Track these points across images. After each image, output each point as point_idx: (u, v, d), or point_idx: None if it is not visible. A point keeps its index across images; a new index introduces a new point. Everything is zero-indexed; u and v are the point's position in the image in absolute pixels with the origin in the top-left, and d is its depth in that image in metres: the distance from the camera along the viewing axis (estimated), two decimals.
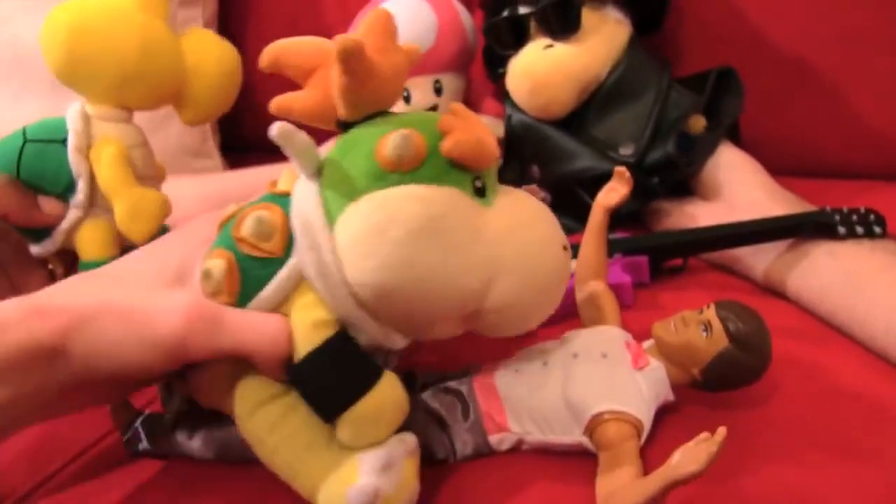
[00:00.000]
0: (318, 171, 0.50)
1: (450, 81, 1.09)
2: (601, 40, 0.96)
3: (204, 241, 0.52)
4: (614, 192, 0.65)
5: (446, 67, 1.08)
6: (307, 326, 0.48)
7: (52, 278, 0.67)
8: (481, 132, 0.52)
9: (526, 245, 0.52)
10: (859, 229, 0.75)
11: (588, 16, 0.96)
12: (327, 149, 0.52)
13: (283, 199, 0.51)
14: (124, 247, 0.65)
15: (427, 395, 0.57)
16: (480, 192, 0.52)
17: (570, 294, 0.70)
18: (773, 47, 1.07)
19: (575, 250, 0.70)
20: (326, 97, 0.51)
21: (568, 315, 0.65)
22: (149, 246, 0.55)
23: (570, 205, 0.95)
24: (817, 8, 1.05)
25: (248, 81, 0.70)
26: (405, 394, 0.51)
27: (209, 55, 0.67)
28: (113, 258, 0.61)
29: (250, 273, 0.49)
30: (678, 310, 0.72)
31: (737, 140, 0.96)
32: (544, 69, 0.94)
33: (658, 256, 0.80)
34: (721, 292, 0.79)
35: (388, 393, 0.49)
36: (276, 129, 0.47)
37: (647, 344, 0.58)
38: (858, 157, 1.08)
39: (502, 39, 1.00)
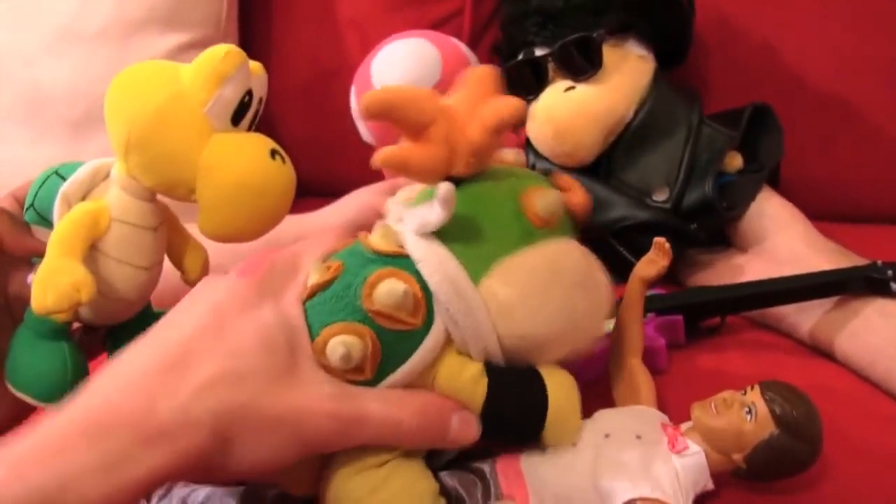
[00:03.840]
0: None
1: None
2: (625, 78, 0.91)
3: (202, 318, 0.47)
4: (653, 265, 0.62)
5: None
6: (468, 385, 0.49)
7: None
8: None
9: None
10: None
11: (609, 53, 0.91)
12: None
13: (395, 260, 0.49)
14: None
15: (447, 474, 0.53)
16: None
17: (600, 356, 0.66)
18: (809, 84, 1.02)
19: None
20: (445, 154, 0.49)
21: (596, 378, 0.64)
22: (154, 329, 0.49)
23: (603, 257, 0.91)
24: (858, 43, 1.01)
25: (271, 120, 0.66)
26: (566, 373, 0.53)
27: (231, 162, 0.55)
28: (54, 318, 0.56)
29: (392, 348, 0.48)
30: (717, 375, 0.69)
31: (776, 185, 0.92)
32: (567, 112, 0.90)
33: (694, 315, 0.75)
34: (763, 354, 0.74)
35: (559, 382, 0.51)
36: (446, 190, 0.46)
37: (686, 426, 0.54)
38: None
39: (519, 84, 0.95)
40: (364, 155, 0.99)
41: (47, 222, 0.59)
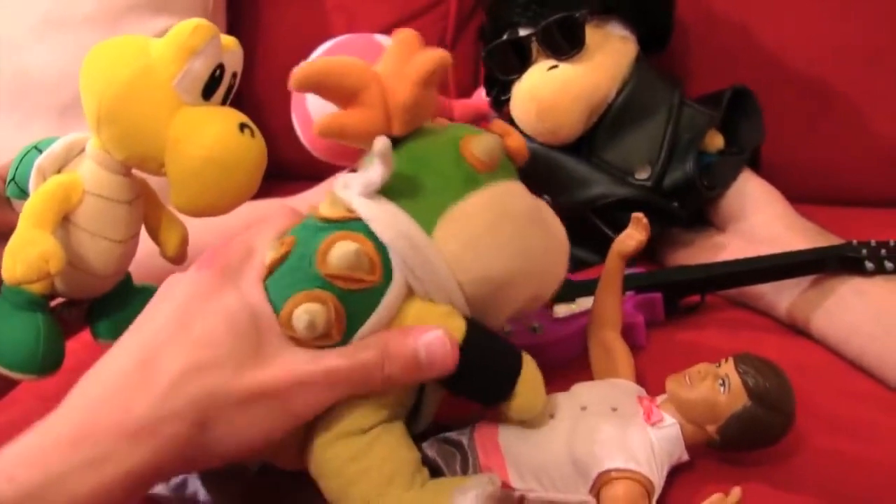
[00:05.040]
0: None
1: None
2: (607, 58, 0.91)
3: (168, 314, 0.49)
4: (631, 240, 0.63)
5: None
6: (442, 319, 0.50)
7: None
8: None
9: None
10: (889, 265, 0.70)
11: (592, 33, 0.91)
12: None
13: (345, 224, 0.50)
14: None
15: (426, 445, 0.54)
16: None
17: (578, 334, 0.67)
18: (791, 68, 1.03)
19: (590, 286, 0.68)
20: (380, 116, 0.50)
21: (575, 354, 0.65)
22: (125, 333, 0.50)
23: (584, 235, 0.91)
24: (839, 27, 1.01)
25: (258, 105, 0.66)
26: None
27: (198, 135, 0.54)
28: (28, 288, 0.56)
29: (354, 307, 0.48)
30: (695, 351, 0.69)
31: (757, 167, 0.92)
32: (551, 91, 0.89)
33: (673, 293, 0.76)
34: (741, 331, 0.75)
35: (527, 357, 0.53)
36: (382, 144, 0.47)
37: (661, 399, 0.55)
38: (885, 185, 1.03)
39: (503, 64, 0.95)
40: None
41: (27, 196, 0.58)
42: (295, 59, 1.21)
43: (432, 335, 0.48)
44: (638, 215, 0.63)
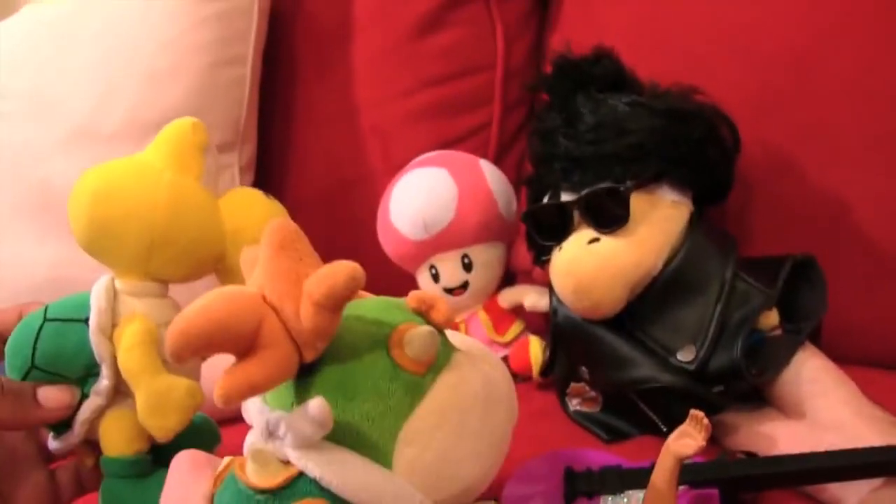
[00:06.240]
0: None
1: (480, 254, 1.03)
2: (654, 229, 0.84)
3: None
4: (690, 441, 0.56)
5: (472, 240, 1.02)
6: None
7: (51, 481, 0.62)
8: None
9: None
10: None
11: (638, 201, 0.83)
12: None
13: (288, 490, 0.43)
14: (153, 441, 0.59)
15: None
16: None
17: None
18: (853, 225, 0.96)
19: (641, 478, 0.62)
20: (288, 352, 0.43)
21: None
22: None
23: (624, 409, 0.86)
24: None
25: None
26: None
27: (251, 216, 0.60)
28: (139, 453, 0.57)
29: None
30: None
31: (817, 340, 0.84)
32: (589, 268, 0.83)
33: (731, 489, 0.68)
34: None
35: None
36: (320, 410, 0.42)
37: None
38: None
39: (543, 228, 0.89)
40: (384, 265, 0.95)
41: (58, 376, 0.57)
42: (327, 182, 1.19)
43: None
44: (698, 414, 0.57)
